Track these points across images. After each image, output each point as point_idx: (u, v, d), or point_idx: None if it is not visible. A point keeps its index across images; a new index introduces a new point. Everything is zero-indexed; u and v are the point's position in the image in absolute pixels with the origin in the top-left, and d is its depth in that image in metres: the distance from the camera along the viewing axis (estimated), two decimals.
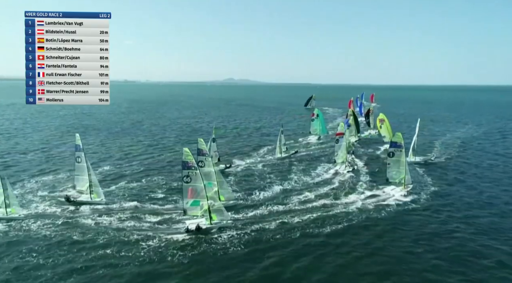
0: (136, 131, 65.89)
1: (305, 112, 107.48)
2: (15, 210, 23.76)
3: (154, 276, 17.46)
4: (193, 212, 23.09)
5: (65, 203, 26.40)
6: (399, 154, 29.23)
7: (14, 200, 24.16)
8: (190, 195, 22.69)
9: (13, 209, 23.77)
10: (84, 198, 26.88)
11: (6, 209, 23.65)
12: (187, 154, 22.48)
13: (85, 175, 27.06)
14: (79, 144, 26.98)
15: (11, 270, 17.79)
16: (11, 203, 23.83)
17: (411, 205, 26.83)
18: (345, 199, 28.20)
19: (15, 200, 24.27)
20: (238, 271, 18.00)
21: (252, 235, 21.80)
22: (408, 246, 20.65)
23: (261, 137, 59.54)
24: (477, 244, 20.84)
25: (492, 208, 26.61)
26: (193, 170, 22.51)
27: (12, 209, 23.74)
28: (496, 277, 17.56)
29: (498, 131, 67.81)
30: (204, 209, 22.70)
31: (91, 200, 26.58)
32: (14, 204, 24.04)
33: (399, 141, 29.27)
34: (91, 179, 26.88)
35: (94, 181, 26.97)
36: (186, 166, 22.55)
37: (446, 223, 23.91)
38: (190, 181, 22.62)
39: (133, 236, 21.37)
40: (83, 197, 26.98)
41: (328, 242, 21.09)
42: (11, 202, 23.85)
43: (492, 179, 34.36)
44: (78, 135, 27.52)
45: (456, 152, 46.23)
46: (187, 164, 22.52)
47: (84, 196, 27.06)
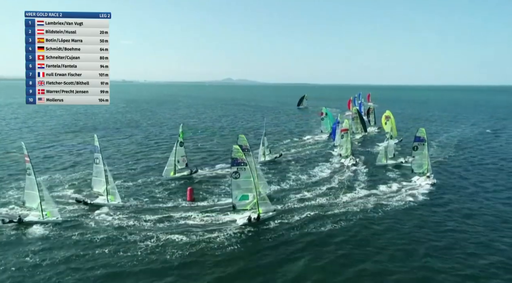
0: (133, 130, 65.82)
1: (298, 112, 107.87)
2: (51, 214, 23.07)
3: (153, 276, 17.48)
4: (242, 206, 24.11)
5: (64, 203, 26.24)
6: (422, 147, 32.35)
7: (50, 203, 23.34)
8: (238, 190, 23.77)
9: (48, 212, 23.07)
10: (100, 200, 26.41)
11: (42, 212, 22.99)
12: (237, 151, 23.54)
13: (103, 177, 26.50)
14: (97, 145, 26.43)
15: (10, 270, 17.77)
16: (47, 206, 23.14)
17: (411, 204, 27.01)
18: (344, 197, 28.33)
19: (51, 203, 23.42)
20: (237, 271, 18.06)
21: (250, 235, 21.85)
22: (407, 245, 20.78)
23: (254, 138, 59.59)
24: (475, 242, 21.05)
25: (491, 208, 26.85)
26: (242, 166, 23.50)
27: (48, 212, 23.06)
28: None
29: (491, 129, 68.38)
30: (253, 202, 23.71)
31: (108, 203, 26.05)
32: (51, 207, 23.26)
33: (423, 135, 32.42)
34: (108, 181, 26.35)
35: (111, 184, 26.47)
36: (235, 163, 23.55)
37: (446, 222, 24.11)
38: (239, 177, 23.65)
39: (131, 235, 21.38)
40: (99, 199, 26.50)
41: (328, 241, 21.21)
42: (47, 205, 23.16)
43: (491, 178, 34.64)
44: (96, 136, 27.07)
45: (453, 152, 46.51)
46: (236, 160, 23.48)
47: (100, 198, 26.62)
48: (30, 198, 23.75)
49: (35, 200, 23.40)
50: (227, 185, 31.62)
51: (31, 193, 23.67)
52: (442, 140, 55.35)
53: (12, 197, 27.61)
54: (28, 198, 23.88)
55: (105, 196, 26.47)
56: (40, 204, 23.04)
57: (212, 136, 59.70)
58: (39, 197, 23.15)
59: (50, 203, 23.39)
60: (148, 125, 73.99)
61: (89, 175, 33.74)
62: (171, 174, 33.08)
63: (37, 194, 23.23)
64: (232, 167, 23.79)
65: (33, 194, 23.56)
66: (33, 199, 23.55)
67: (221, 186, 31.26)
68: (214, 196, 28.65)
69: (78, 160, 40.95)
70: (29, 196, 23.82)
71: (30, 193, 23.73)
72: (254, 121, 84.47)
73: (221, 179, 33.46)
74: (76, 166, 37.89)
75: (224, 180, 33.12)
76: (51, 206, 23.30)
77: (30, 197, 23.73)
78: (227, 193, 29.41)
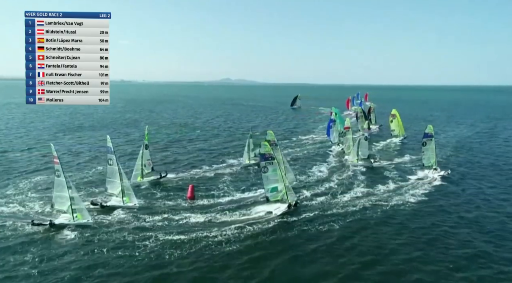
0: (130, 130, 65.80)
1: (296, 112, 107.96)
2: (82, 216, 22.67)
3: (151, 276, 17.49)
4: (274, 197, 25.90)
5: None
6: (430, 143, 35.12)
7: (80, 205, 22.85)
8: (268, 183, 25.69)
9: (79, 214, 22.68)
10: (115, 202, 25.93)
11: (73, 215, 22.60)
12: (265, 146, 25.47)
13: (117, 179, 25.98)
14: (110, 146, 26.05)
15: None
16: (78, 208, 22.69)
17: (411, 204, 27.16)
18: (344, 195, 28.45)
19: (81, 205, 22.95)
20: (235, 271, 18.08)
21: (249, 234, 21.86)
22: (410, 247, 20.88)
23: None
24: (475, 242, 21.17)
25: (489, 207, 27.00)
26: (270, 161, 25.42)
27: (79, 215, 22.69)
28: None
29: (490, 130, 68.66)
30: (283, 193, 25.55)
31: (124, 204, 25.60)
32: (81, 209, 22.76)
33: (430, 132, 35.35)
34: (123, 182, 25.89)
35: (126, 185, 25.99)
36: (263, 158, 25.43)
37: (447, 221, 24.24)
38: (267, 171, 25.56)
39: (130, 235, 21.38)
40: (114, 201, 26.02)
41: (330, 241, 21.27)
42: (78, 207, 22.72)
43: (491, 178, 34.82)
44: (108, 136, 26.77)
45: (452, 152, 46.69)
46: (264, 156, 25.37)
47: (115, 199, 26.17)
48: (60, 201, 23.13)
49: (65, 202, 22.89)
50: (226, 184, 31.71)
51: (60, 195, 23.06)
52: (439, 140, 55.55)
53: (10, 197, 27.61)
54: (57, 201, 23.26)
55: (120, 198, 25.99)
56: (71, 207, 22.58)
57: (210, 135, 59.81)
58: (69, 199, 22.64)
59: (80, 205, 22.88)
60: (146, 125, 73.91)
61: (93, 175, 33.94)
62: (138, 179, 31.69)
63: (67, 196, 22.72)
64: (261, 162, 25.58)
65: (62, 196, 22.97)
66: (63, 201, 22.99)
67: (220, 186, 31.27)
68: (214, 196, 28.62)
69: (81, 160, 40.88)
70: (58, 198, 23.20)
71: (59, 195, 23.12)
72: (251, 121, 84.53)
73: (220, 179, 33.50)
74: (79, 166, 37.83)
75: (223, 180, 33.18)
76: (81, 208, 22.81)
77: (60, 199, 23.12)
78: (227, 192, 29.52)
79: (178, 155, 44.18)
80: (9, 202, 26.33)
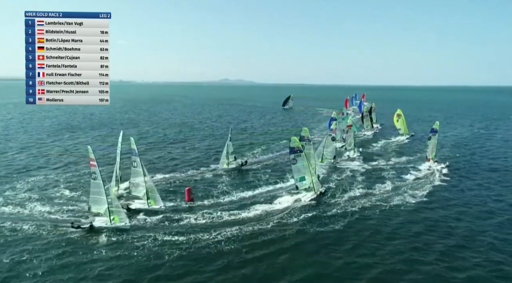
0: (129, 130, 65.67)
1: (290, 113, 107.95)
2: (119, 219, 22.46)
3: (150, 276, 17.52)
4: (302, 186, 28.31)
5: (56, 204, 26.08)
6: (434, 137, 38.22)
7: (118, 208, 22.77)
8: (296, 173, 28.19)
9: (116, 217, 22.47)
10: (139, 204, 25.63)
11: (110, 217, 22.43)
12: (294, 141, 28.12)
13: (141, 181, 25.73)
14: (134, 148, 25.79)
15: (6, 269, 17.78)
16: (115, 211, 22.48)
17: (411, 204, 27.27)
18: (343, 196, 28.51)
19: (119, 208, 22.86)
20: (234, 271, 18.12)
21: (247, 234, 21.90)
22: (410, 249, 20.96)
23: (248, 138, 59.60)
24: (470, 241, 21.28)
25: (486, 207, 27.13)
26: (298, 153, 27.92)
27: (116, 217, 22.46)
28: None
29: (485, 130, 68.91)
30: (310, 181, 28.01)
31: (149, 207, 25.27)
32: (119, 212, 22.67)
33: (436, 127, 38.52)
34: (148, 184, 25.57)
35: (151, 187, 25.67)
36: (293, 151, 28.06)
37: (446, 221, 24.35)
38: (296, 162, 27.95)
39: (128, 235, 21.41)
40: (138, 204, 25.73)
41: (330, 240, 21.37)
42: (115, 210, 22.50)
43: (486, 177, 34.97)
44: (132, 139, 26.51)
45: (449, 152, 46.83)
46: (293, 149, 28.00)
47: (139, 202, 25.88)
48: (97, 203, 22.92)
49: (102, 205, 22.69)
50: (224, 184, 31.72)
51: (97, 198, 22.81)
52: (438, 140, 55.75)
53: (7, 198, 27.58)
54: (94, 203, 23.01)
55: (145, 200, 25.70)
56: (108, 209, 22.43)
57: (207, 135, 59.73)
58: (106, 202, 22.47)
59: (117, 207, 22.71)
60: (145, 125, 73.98)
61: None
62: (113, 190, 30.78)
63: (105, 199, 22.49)
64: (291, 155, 28.25)
65: (100, 199, 22.74)
66: (100, 204, 22.80)
67: (218, 186, 31.28)
68: (213, 196, 28.63)
69: (79, 160, 40.80)
70: (95, 201, 22.95)
71: (96, 198, 22.86)
72: (249, 121, 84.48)
73: (218, 179, 33.50)
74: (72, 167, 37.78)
75: (221, 180, 33.19)
76: (119, 211, 22.65)
77: (97, 202, 22.90)
78: (225, 192, 29.51)
79: (175, 155, 44.17)
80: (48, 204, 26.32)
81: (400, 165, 39.31)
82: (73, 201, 26.97)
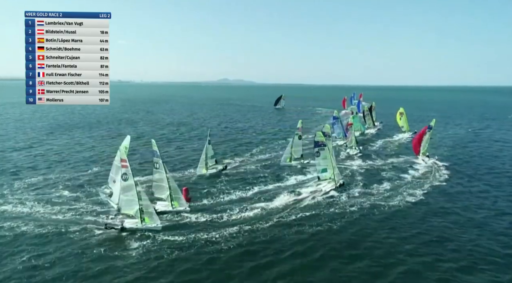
0: (129, 130, 65.67)
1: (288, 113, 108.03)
2: (150, 220, 22.14)
3: (148, 276, 17.57)
4: (324, 177, 30.99)
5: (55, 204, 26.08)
6: (429, 133, 40.85)
7: (149, 209, 22.39)
8: (319, 165, 31.03)
9: (147, 218, 22.14)
10: (163, 206, 25.35)
11: (140, 218, 22.12)
12: (319, 136, 30.99)
13: (164, 183, 25.49)
14: (156, 149, 25.63)
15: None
16: (146, 212, 22.16)
17: (410, 205, 27.42)
18: (342, 195, 28.63)
19: (151, 209, 22.49)
20: (233, 271, 18.17)
21: (245, 234, 21.96)
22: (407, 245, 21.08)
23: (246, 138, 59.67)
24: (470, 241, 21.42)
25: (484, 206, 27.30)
26: (322, 147, 30.72)
27: (147, 219, 22.14)
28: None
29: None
30: (331, 173, 30.42)
31: (173, 209, 25.01)
32: (150, 213, 22.31)
33: (432, 124, 41.20)
34: (171, 186, 25.31)
35: (174, 188, 25.35)
36: (317, 145, 30.79)
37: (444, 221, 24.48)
38: (319, 155, 30.85)
39: (127, 235, 21.46)
40: (161, 206, 25.37)
41: (330, 239, 21.47)
42: (146, 211, 22.16)
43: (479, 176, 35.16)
44: (153, 140, 26.39)
45: (447, 152, 47.00)
46: (318, 143, 30.83)
47: (161, 203, 25.61)
48: (127, 205, 22.53)
49: (134, 206, 22.31)
50: (222, 184, 31.75)
51: (128, 199, 22.40)
52: (435, 140, 56.03)
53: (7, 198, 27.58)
54: (125, 205, 22.61)
55: (168, 202, 25.48)
56: (139, 211, 22.10)
57: (204, 136, 59.74)
58: (138, 204, 22.10)
59: (149, 209, 22.38)
60: (144, 125, 73.99)
61: (90, 175, 33.95)
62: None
63: (136, 200, 22.10)
64: (315, 148, 30.95)
65: (131, 200, 22.37)
66: (131, 205, 22.41)
67: (217, 186, 31.29)
68: (211, 196, 28.64)
69: (75, 160, 40.82)
70: (125, 202, 22.55)
71: (127, 199, 22.44)
72: (249, 120, 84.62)
73: (216, 179, 33.53)
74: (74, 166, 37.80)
75: (219, 180, 33.18)
76: (150, 212, 22.34)
77: (127, 203, 22.50)
78: (223, 192, 29.58)
79: (172, 155, 44.11)
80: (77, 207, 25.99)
81: (400, 163, 39.57)
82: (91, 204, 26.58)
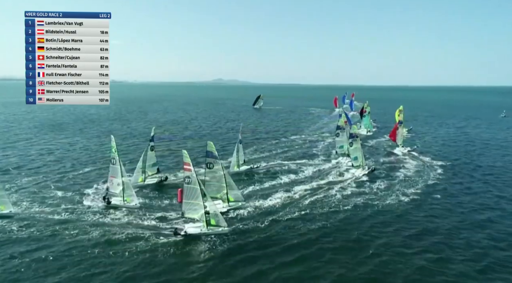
0: (125, 129, 65.41)
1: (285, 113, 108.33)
2: (216, 223, 22.01)
3: (146, 276, 17.66)
4: (356, 163, 36.20)
5: None
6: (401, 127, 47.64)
7: (215, 212, 22.15)
8: (352, 153, 36.68)
9: (213, 220, 22.00)
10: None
11: (205, 222, 22.02)
12: (354, 128, 37.84)
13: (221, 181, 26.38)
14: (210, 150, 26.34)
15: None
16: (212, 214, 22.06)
17: (405, 203, 27.79)
18: (336, 194, 28.96)
19: (217, 212, 22.20)
20: (229, 271, 18.34)
21: (240, 233, 22.18)
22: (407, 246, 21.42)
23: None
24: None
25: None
26: (355, 138, 36.27)
27: (213, 221, 22.01)
28: None
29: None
30: (361, 160, 36.16)
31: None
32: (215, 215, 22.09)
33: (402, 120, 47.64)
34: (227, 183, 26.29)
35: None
36: (351, 136, 36.80)
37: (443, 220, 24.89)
38: (352, 145, 36.58)
39: (123, 235, 21.51)
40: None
41: (328, 238, 21.74)
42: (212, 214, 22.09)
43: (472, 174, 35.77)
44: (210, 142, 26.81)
45: (438, 150, 47.64)
46: (352, 135, 36.85)
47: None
48: (192, 209, 22.43)
49: (198, 210, 22.21)
50: None
51: (193, 203, 22.28)
52: (429, 140, 56.84)
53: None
54: (189, 209, 22.51)
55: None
56: (205, 215, 21.91)
57: (201, 135, 59.82)
58: (203, 208, 21.96)
59: (215, 211, 22.13)
60: (138, 125, 73.71)
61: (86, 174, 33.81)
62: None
63: (201, 204, 21.97)
64: (349, 139, 37.14)
65: (195, 204, 22.24)
66: (195, 209, 22.30)
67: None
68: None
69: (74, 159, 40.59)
70: (190, 207, 22.47)
71: (192, 203, 22.35)
72: (245, 120, 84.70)
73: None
74: None
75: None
76: (215, 215, 22.09)
77: (192, 207, 22.41)
78: None
79: (168, 155, 44.14)
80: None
81: (394, 161, 40.25)
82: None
